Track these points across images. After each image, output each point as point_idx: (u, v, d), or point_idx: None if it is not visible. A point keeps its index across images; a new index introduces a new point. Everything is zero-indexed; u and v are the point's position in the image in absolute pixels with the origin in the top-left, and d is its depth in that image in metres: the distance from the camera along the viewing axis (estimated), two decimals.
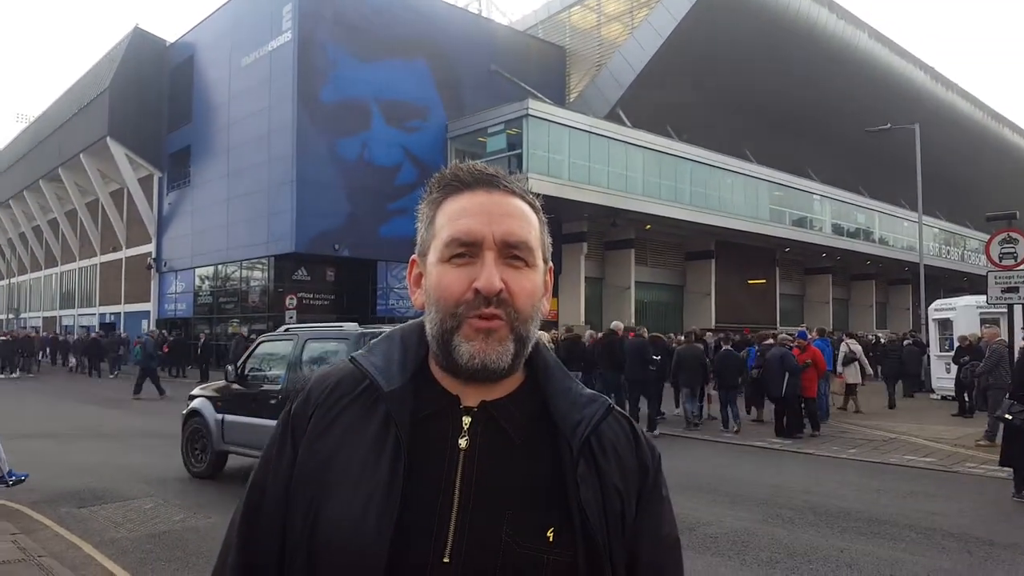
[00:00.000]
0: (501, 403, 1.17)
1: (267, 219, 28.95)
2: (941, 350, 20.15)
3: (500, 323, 1.12)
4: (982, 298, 16.91)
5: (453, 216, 1.16)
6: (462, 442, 1.13)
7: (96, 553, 6.41)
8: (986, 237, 15.20)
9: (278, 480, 1.19)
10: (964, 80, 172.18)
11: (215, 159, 32.70)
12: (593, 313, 33.93)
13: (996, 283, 13.42)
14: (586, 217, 32.18)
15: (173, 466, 10.34)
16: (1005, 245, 13.40)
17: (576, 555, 1.09)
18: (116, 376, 30.40)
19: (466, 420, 1.15)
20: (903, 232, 45.14)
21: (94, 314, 44.21)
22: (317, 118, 27.69)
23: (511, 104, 28.66)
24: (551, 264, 1.25)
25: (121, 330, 37.52)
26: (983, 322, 17.69)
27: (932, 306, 21.51)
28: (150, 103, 36.34)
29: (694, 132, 34.67)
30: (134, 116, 35.63)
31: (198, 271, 34.54)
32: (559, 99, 34.45)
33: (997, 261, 13.44)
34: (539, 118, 27.97)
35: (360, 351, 1.24)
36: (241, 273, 32.21)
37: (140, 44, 36.56)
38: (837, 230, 41.45)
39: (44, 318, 51.95)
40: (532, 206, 1.22)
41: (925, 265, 28.58)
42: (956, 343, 17.55)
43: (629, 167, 30.74)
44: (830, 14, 37.64)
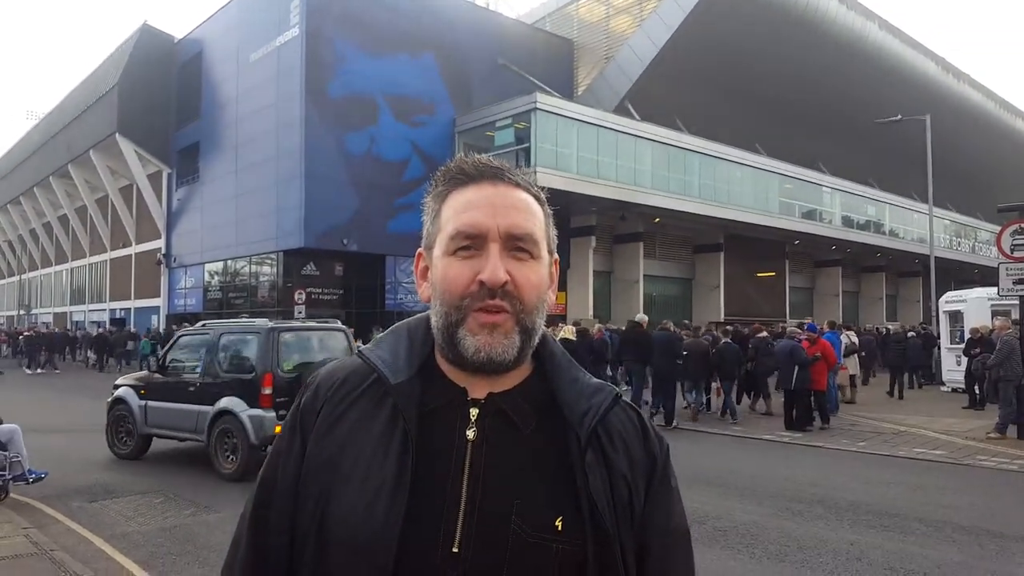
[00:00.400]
0: (509, 394, 1.17)
1: (276, 214, 29.01)
2: (952, 342, 20.06)
3: (505, 316, 1.12)
4: (993, 290, 16.80)
5: (458, 209, 1.16)
6: (470, 434, 1.13)
7: (107, 547, 6.45)
8: (997, 229, 15.10)
9: (287, 475, 1.19)
10: (975, 71, 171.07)
11: (224, 155, 32.77)
12: (602, 307, 33.90)
13: (1008, 275, 13.34)
14: (594, 211, 32.12)
15: (183, 461, 10.39)
16: (1017, 236, 13.31)
17: (585, 544, 1.09)
18: (121, 371, 30.53)
19: (473, 412, 1.15)
20: (913, 224, 44.91)
21: (104, 310, 44.42)
22: (325, 113, 27.72)
23: (519, 98, 28.61)
24: (556, 256, 1.25)
25: (131, 325, 37.69)
26: (994, 314, 17.59)
27: (943, 298, 21.41)
28: (159, 99, 36.44)
29: (703, 125, 34.54)
30: (143, 113, 35.73)
31: (208, 266, 34.66)
32: (567, 92, 34.38)
33: (1008, 253, 13.36)
34: (547, 112, 27.92)
35: (367, 345, 1.24)
36: (250, 268, 32.31)
37: (149, 41, 36.65)
38: (847, 222, 41.26)
39: (55, 314, 52.24)
40: (537, 198, 1.21)
41: (936, 257, 28.44)
42: (967, 335, 17.46)
43: (638, 160, 30.66)
44: (840, 5, 37.41)
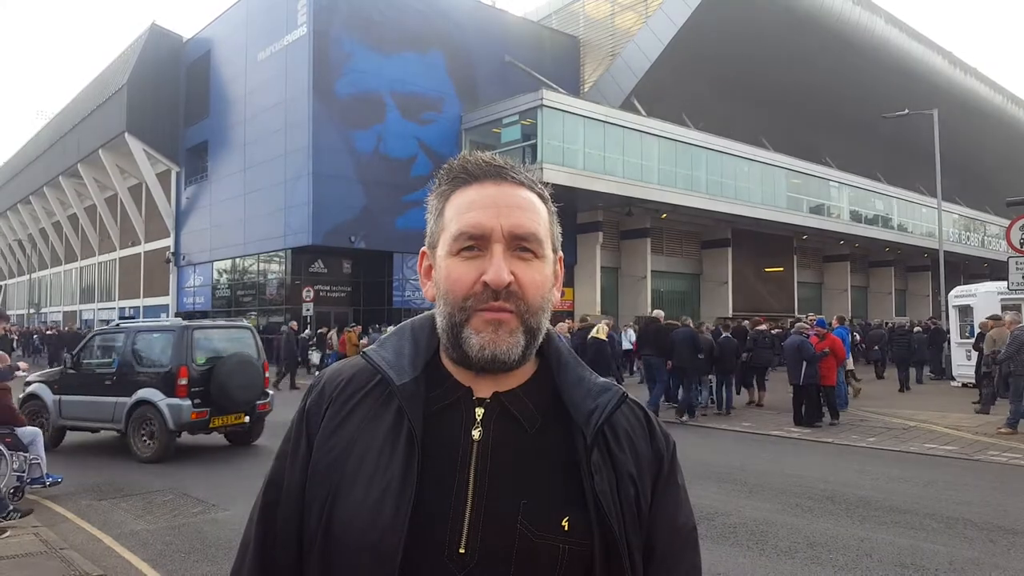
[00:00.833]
0: (514, 394, 1.17)
1: (284, 212, 29.09)
2: (962, 337, 19.98)
3: (509, 315, 1.11)
4: (1003, 284, 16.73)
5: (462, 209, 1.15)
6: (475, 433, 1.13)
7: (116, 545, 6.48)
8: (1006, 222, 15.02)
9: (294, 475, 1.20)
10: (983, 64, 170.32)
11: (232, 153, 32.86)
12: (609, 303, 33.90)
13: (1017, 269, 13.29)
14: (601, 207, 32.12)
15: (191, 458, 10.42)
16: None
17: (592, 543, 1.09)
18: None
19: (479, 411, 1.15)
20: (922, 218, 44.76)
21: (114, 308, 44.60)
22: (333, 111, 27.78)
23: (525, 95, 28.59)
24: (561, 254, 1.24)
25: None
26: (1004, 308, 17.51)
27: (952, 293, 21.32)
28: (167, 99, 36.58)
29: (709, 120, 34.47)
30: (152, 112, 35.87)
31: (216, 265, 34.78)
32: (573, 89, 34.35)
33: (1018, 247, 13.30)
34: (553, 108, 27.90)
35: (372, 346, 1.24)
36: (259, 266, 32.40)
37: (157, 40, 36.80)
38: (855, 217, 41.14)
39: (64, 312, 52.49)
40: (541, 196, 1.21)
41: (945, 251, 28.30)
42: (977, 330, 17.39)
43: (644, 156, 30.61)
44: (845, 0, 37.28)
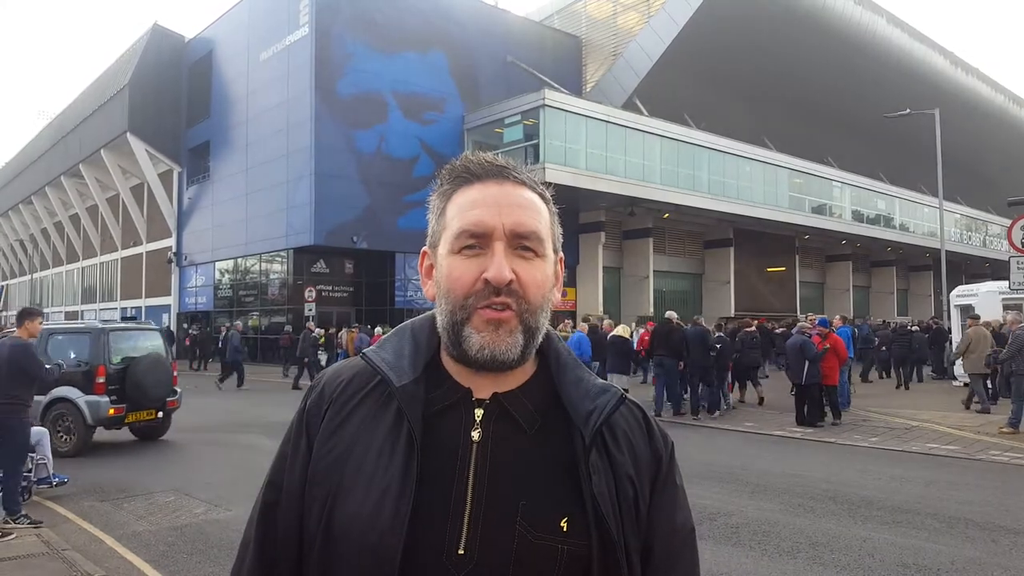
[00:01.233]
0: (513, 394, 1.17)
1: (286, 212, 29.11)
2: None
3: (510, 314, 1.12)
4: (1004, 284, 16.71)
5: (463, 208, 1.16)
6: (475, 434, 1.13)
7: (119, 546, 6.48)
8: (1008, 222, 15.00)
9: (294, 477, 1.19)
10: (984, 65, 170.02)
11: (234, 153, 32.89)
12: (611, 302, 33.89)
13: (1019, 268, 13.28)
14: (603, 207, 32.12)
15: (193, 459, 10.44)
16: None
17: (590, 544, 1.09)
18: None
19: (478, 412, 1.15)
20: (924, 218, 44.73)
21: (116, 308, 44.61)
22: (335, 111, 27.80)
23: (527, 95, 28.61)
24: (562, 254, 1.24)
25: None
26: (1006, 308, 17.49)
27: (954, 292, 21.32)
28: (169, 99, 36.62)
29: (712, 120, 34.46)
30: (154, 112, 35.90)
31: (218, 265, 34.82)
32: (576, 89, 34.35)
33: (1020, 246, 13.29)
34: (556, 108, 27.90)
35: (372, 347, 1.24)
36: (261, 266, 32.44)
37: (159, 41, 36.85)
38: (857, 217, 41.13)
39: (66, 313, 52.50)
40: (542, 196, 1.21)
41: (946, 251, 28.26)
42: None
43: (647, 156, 30.62)
44: (847, 0, 37.26)
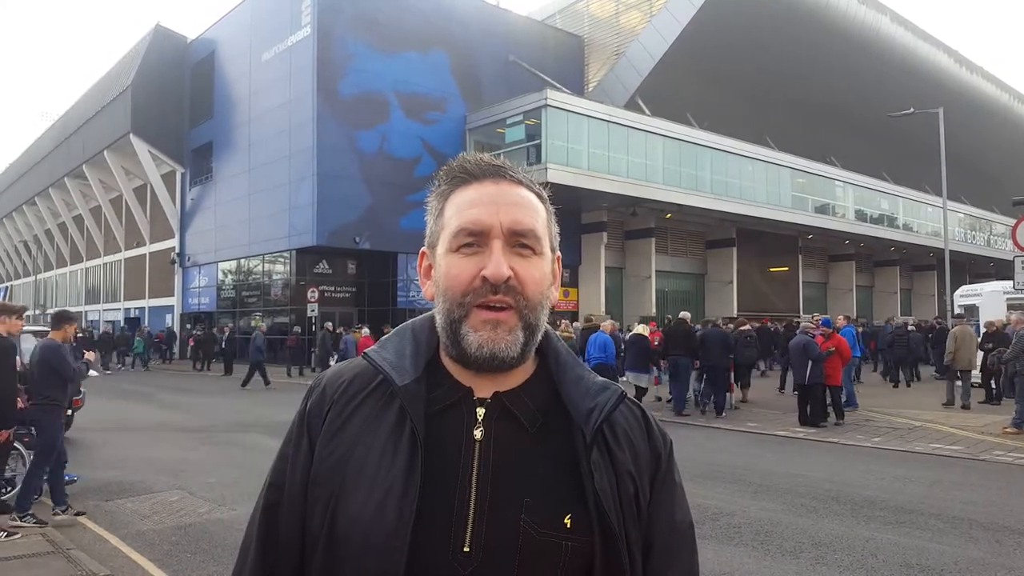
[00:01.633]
0: (514, 393, 1.17)
1: (288, 213, 29.15)
2: None
3: (509, 312, 1.12)
4: (1009, 283, 16.71)
5: (461, 207, 1.16)
6: (477, 433, 1.13)
7: (123, 545, 6.49)
8: (1012, 222, 15.00)
9: (296, 477, 1.20)
10: (989, 63, 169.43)
11: (237, 154, 32.94)
12: (613, 303, 33.88)
13: (1023, 268, 13.24)
14: (606, 207, 32.10)
15: (197, 459, 10.45)
16: None
17: (593, 540, 1.10)
18: (121, 369, 30.81)
19: (480, 411, 1.15)
20: (927, 218, 44.66)
21: (119, 309, 44.73)
22: (337, 111, 27.83)
23: (529, 95, 28.61)
24: (559, 253, 1.25)
25: (144, 325, 37.84)
26: (1010, 308, 17.47)
27: (958, 292, 21.32)
28: (172, 100, 36.68)
29: (714, 119, 34.43)
30: (156, 113, 35.97)
31: (221, 265, 34.87)
32: (578, 89, 34.34)
33: None
34: (558, 108, 27.90)
35: (373, 347, 1.24)
36: (263, 267, 32.48)
37: (162, 41, 36.91)
38: (860, 216, 41.07)
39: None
40: (539, 195, 1.22)
41: (950, 251, 28.22)
42: (983, 329, 17.36)
43: (649, 156, 30.60)
44: None
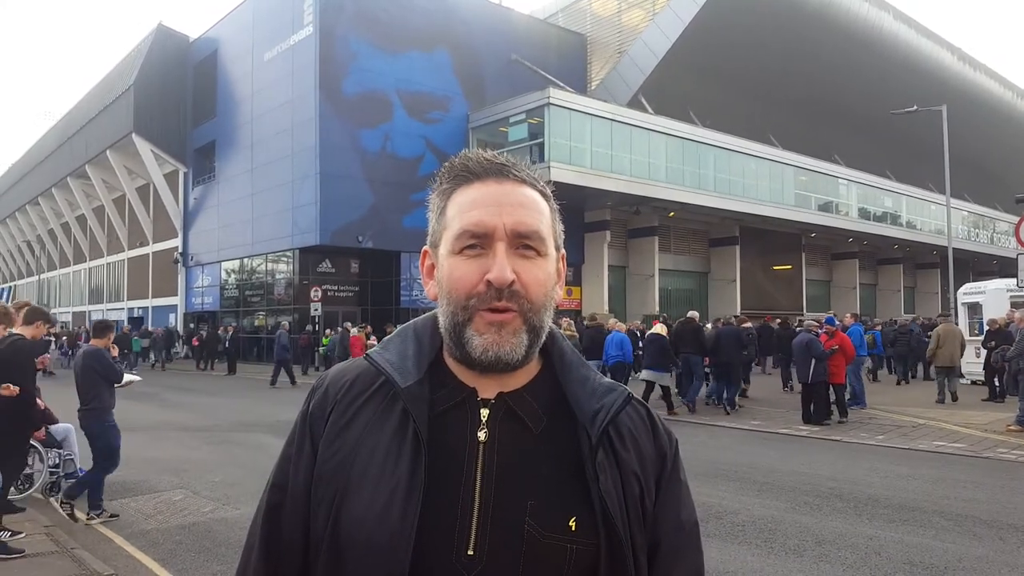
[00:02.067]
0: (518, 394, 1.17)
1: (291, 212, 29.16)
2: (971, 334, 19.91)
3: (512, 315, 1.11)
4: (1012, 281, 16.68)
5: (464, 207, 1.15)
6: (481, 435, 1.13)
7: (127, 545, 6.50)
8: (1016, 219, 14.98)
9: (299, 479, 1.19)
10: (992, 60, 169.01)
11: (239, 153, 32.95)
12: (617, 301, 33.87)
13: None
14: (609, 205, 32.09)
15: (201, 458, 10.47)
16: None
17: (598, 543, 1.09)
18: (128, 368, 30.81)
19: (484, 412, 1.14)
20: (931, 215, 44.60)
21: (123, 308, 44.78)
22: (340, 111, 27.84)
23: (532, 93, 28.60)
24: (563, 251, 1.24)
25: (147, 325, 37.88)
26: (1013, 305, 17.44)
27: (961, 290, 21.27)
28: (174, 99, 36.71)
29: (717, 118, 34.41)
30: (159, 112, 35.99)
31: (224, 265, 34.89)
32: (580, 87, 34.33)
33: None
34: (560, 107, 27.89)
35: (375, 348, 1.24)
36: (266, 266, 32.49)
37: (164, 41, 36.92)
38: (864, 214, 41.02)
39: (74, 313, 52.70)
40: (543, 194, 1.20)
41: (954, 248, 28.21)
42: (986, 327, 17.34)
43: (652, 154, 30.58)
44: None
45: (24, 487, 7.72)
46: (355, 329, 23.43)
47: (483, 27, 32.06)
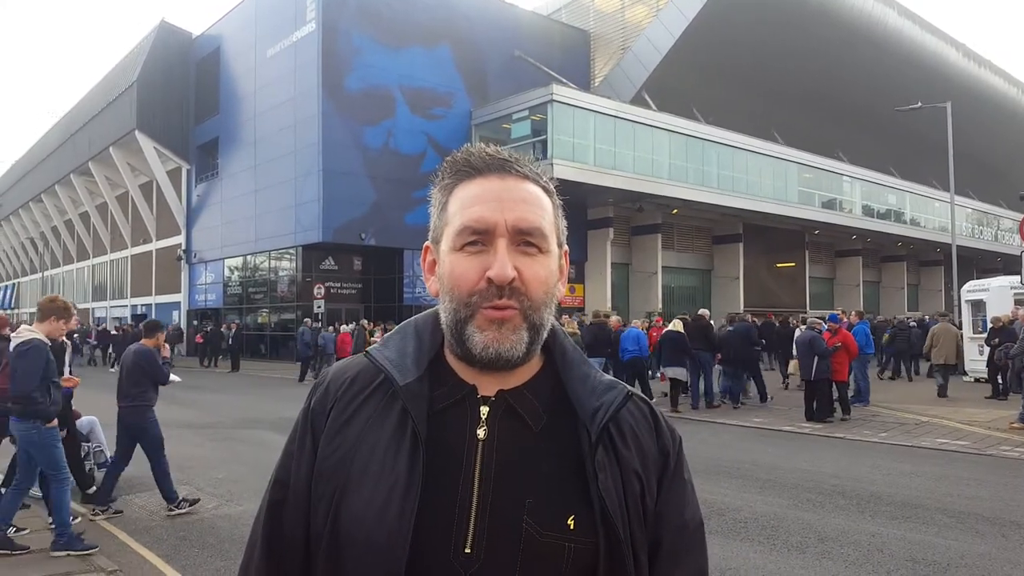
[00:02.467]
0: (519, 391, 1.16)
1: (294, 209, 29.18)
2: (974, 332, 19.90)
3: (513, 312, 1.10)
4: (1016, 279, 16.65)
5: (465, 203, 1.14)
6: (480, 432, 1.12)
7: (131, 541, 6.53)
8: (1020, 216, 14.95)
9: (300, 475, 1.19)
10: (997, 57, 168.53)
11: (242, 150, 32.97)
12: (620, 298, 33.86)
13: None
14: (612, 202, 32.07)
15: (204, 455, 10.49)
16: None
17: (597, 542, 1.08)
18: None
19: (484, 410, 1.14)
20: (935, 213, 44.52)
21: (126, 306, 44.84)
22: (342, 107, 27.83)
23: (535, 90, 28.57)
24: (566, 248, 1.23)
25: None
26: (1017, 303, 17.43)
27: (965, 287, 21.24)
28: (177, 96, 36.72)
29: (721, 114, 34.35)
30: (162, 109, 36.02)
31: (227, 262, 34.92)
32: (584, 84, 34.29)
33: None
34: (564, 103, 27.86)
35: (375, 345, 1.24)
36: (269, 263, 32.52)
37: (167, 38, 36.93)
38: (867, 211, 40.94)
39: (77, 310, 52.69)
40: (546, 190, 1.19)
41: (957, 246, 28.16)
42: (989, 324, 17.34)
43: (655, 151, 30.54)
44: None
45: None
46: (344, 327, 23.39)
47: (486, 23, 32.03)
